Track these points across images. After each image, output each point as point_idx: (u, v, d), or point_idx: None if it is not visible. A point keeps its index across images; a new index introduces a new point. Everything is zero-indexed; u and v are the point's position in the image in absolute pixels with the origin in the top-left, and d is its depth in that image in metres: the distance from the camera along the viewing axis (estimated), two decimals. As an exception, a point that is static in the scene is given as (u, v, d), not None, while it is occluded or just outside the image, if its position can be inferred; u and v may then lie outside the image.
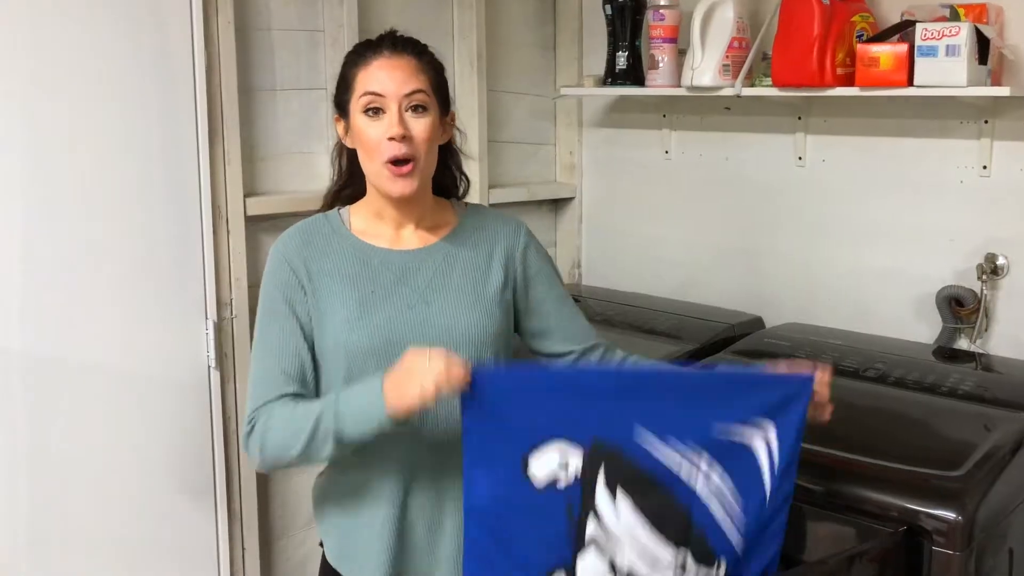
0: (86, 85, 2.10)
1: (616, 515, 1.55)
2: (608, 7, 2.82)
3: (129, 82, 2.16)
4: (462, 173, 1.82)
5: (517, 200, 3.01)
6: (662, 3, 2.73)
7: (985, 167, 2.44)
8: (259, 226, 2.42)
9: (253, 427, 1.59)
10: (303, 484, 2.59)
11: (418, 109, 1.61)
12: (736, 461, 1.58)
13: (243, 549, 2.47)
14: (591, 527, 1.54)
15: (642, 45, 2.85)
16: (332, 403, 1.54)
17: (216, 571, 2.42)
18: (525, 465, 1.53)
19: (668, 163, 3.00)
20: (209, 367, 2.35)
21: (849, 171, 2.65)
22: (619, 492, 1.55)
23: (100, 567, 2.22)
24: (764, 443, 1.58)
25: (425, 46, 1.68)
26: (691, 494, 1.56)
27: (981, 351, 2.45)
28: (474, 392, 1.50)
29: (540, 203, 3.17)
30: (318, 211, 1.77)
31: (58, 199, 2.08)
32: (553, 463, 1.53)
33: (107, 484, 2.21)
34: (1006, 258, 2.42)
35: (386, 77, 1.61)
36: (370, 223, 1.71)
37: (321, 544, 1.80)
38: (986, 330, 2.46)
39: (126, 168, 2.17)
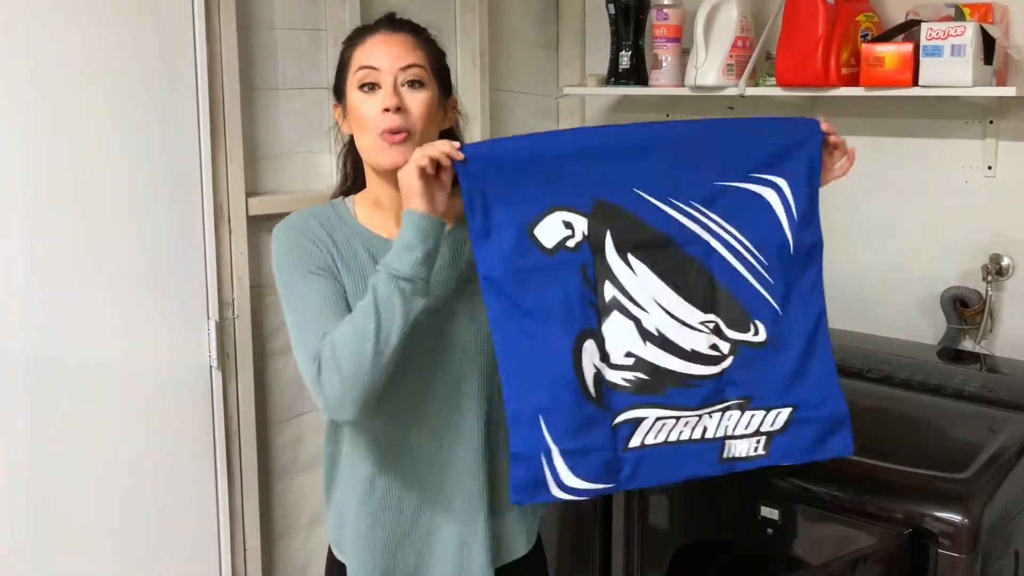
0: (87, 84, 2.08)
1: (634, 278, 1.52)
2: (611, 6, 2.80)
3: (130, 81, 2.14)
4: None
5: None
6: (665, 2, 2.72)
7: (990, 167, 2.44)
8: (261, 226, 2.40)
9: (319, 361, 1.47)
10: (305, 485, 2.60)
11: (415, 84, 1.56)
12: (748, 213, 1.53)
13: (244, 550, 2.45)
14: (609, 291, 1.52)
15: (645, 45, 2.84)
16: (377, 267, 1.49)
17: (218, 572, 2.40)
18: (531, 235, 1.50)
19: (671, 163, 2.98)
20: (211, 367, 2.33)
21: (853, 171, 2.62)
22: (631, 257, 1.52)
23: (100, 568, 2.20)
24: (775, 192, 1.54)
25: (424, 29, 1.65)
26: (708, 252, 1.53)
27: (986, 352, 2.44)
28: (467, 163, 1.47)
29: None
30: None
31: (58, 198, 2.06)
32: (558, 229, 1.51)
33: (107, 485, 2.19)
34: (1011, 259, 2.41)
35: (381, 52, 1.57)
36: (372, 214, 1.65)
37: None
38: (991, 331, 2.45)
39: (127, 167, 2.16)
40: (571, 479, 1.52)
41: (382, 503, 1.65)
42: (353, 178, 1.74)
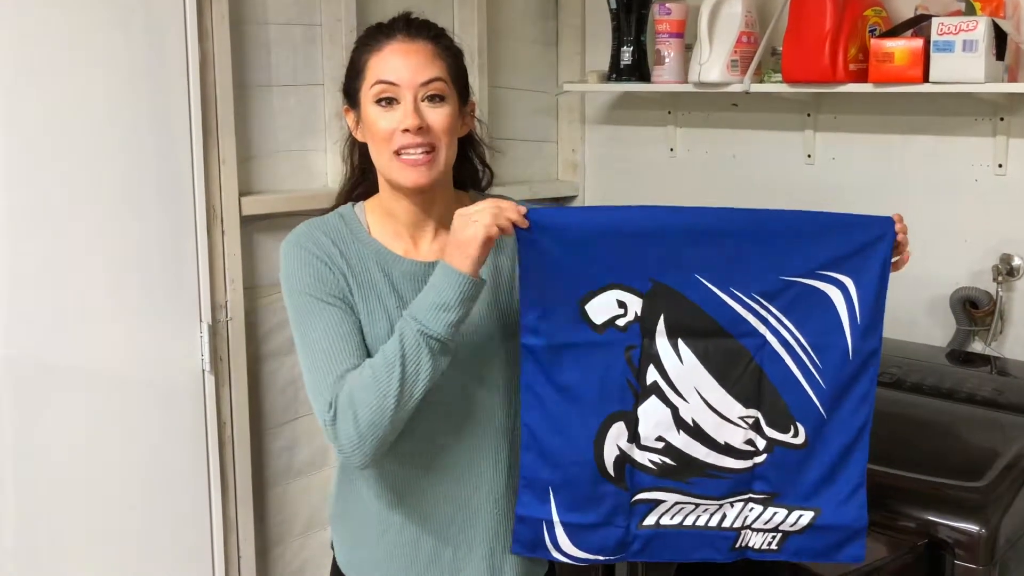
0: (75, 82, 2.03)
1: (680, 366, 1.49)
2: (612, 1, 2.75)
3: (120, 79, 2.10)
4: (485, 165, 1.70)
5: (519, 199, 2.94)
6: (668, -3, 2.67)
7: (1001, 165, 2.39)
8: (255, 226, 2.37)
9: (335, 408, 1.42)
10: (300, 490, 2.56)
11: (435, 99, 1.48)
12: (810, 311, 1.48)
13: (239, 558, 2.42)
14: (651, 375, 1.49)
15: (647, 40, 2.79)
16: (405, 316, 1.42)
17: (211, 580, 2.37)
18: (582, 311, 1.47)
19: (673, 161, 2.94)
20: (203, 371, 2.29)
21: (860, 169, 2.60)
22: (682, 344, 1.48)
23: (91, 577, 2.16)
24: (840, 291, 1.48)
25: (443, 30, 1.57)
26: (761, 346, 1.49)
27: (996, 354, 2.40)
28: (530, 230, 1.42)
29: (542, 202, 3.11)
30: (327, 210, 1.64)
31: (47, 199, 2.02)
32: (611, 307, 1.47)
33: (97, 492, 2.15)
34: (1022, 259, 2.37)
35: (400, 64, 1.48)
36: (384, 224, 1.56)
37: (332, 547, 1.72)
38: (1001, 333, 2.41)
39: (118, 167, 2.11)
40: (571, 548, 1.54)
41: (396, 541, 1.58)
42: (361, 175, 1.65)
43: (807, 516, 1.54)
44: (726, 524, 1.55)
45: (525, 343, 1.47)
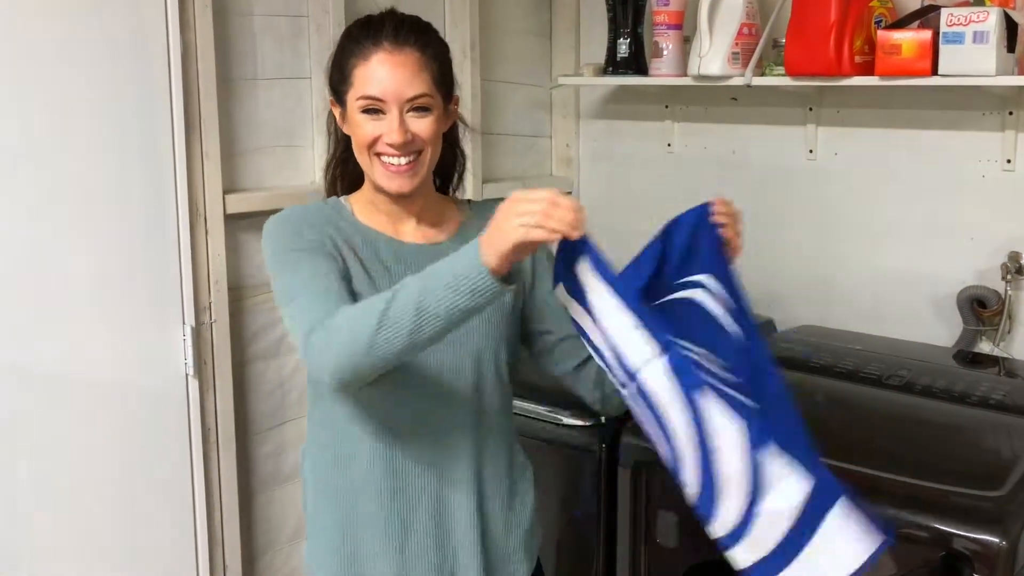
0: (53, 77, 1.97)
1: None
2: (608, -9, 2.69)
3: (100, 72, 2.04)
4: (460, 149, 1.68)
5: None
6: (666, -13, 2.60)
7: (1009, 161, 2.34)
8: (239, 225, 2.30)
9: (313, 328, 1.37)
10: (287, 496, 2.50)
11: (420, 110, 1.50)
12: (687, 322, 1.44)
13: (224, 567, 2.36)
14: None
15: (645, 32, 2.73)
16: (416, 275, 1.34)
17: (196, 592, 2.31)
18: None
19: (671, 156, 2.88)
20: (187, 375, 2.24)
21: (863, 165, 2.54)
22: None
23: (70, 591, 2.10)
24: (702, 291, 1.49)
25: (429, 32, 1.55)
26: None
27: (1004, 355, 2.35)
28: (571, 252, 1.34)
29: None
30: (322, 187, 1.67)
31: (23, 198, 1.95)
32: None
33: (77, 501, 2.09)
34: (1031, 257, 2.32)
35: (387, 77, 1.48)
36: (371, 214, 1.58)
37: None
38: (1009, 333, 2.36)
39: (97, 164, 2.05)
40: None
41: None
42: (346, 147, 1.61)
43: None
44: None
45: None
